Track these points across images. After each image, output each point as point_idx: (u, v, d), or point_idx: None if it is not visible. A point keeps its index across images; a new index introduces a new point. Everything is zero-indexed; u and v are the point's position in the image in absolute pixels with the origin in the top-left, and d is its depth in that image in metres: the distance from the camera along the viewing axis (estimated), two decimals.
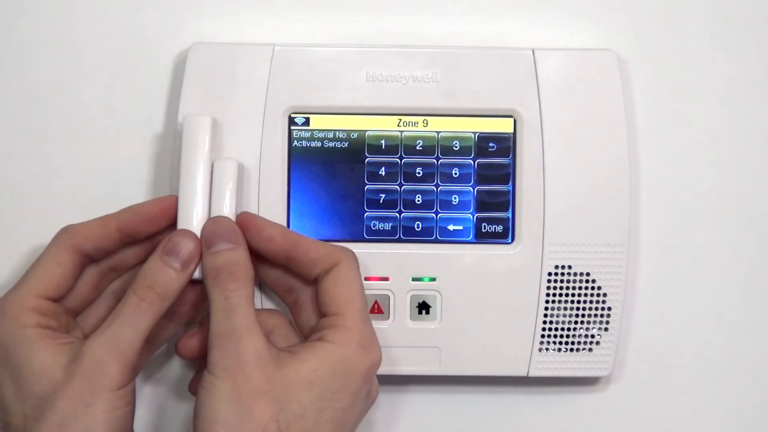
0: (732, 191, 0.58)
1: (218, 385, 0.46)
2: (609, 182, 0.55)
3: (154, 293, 0.47)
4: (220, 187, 0.50)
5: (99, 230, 0.49)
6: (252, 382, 0.46)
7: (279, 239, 0.50)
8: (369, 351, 0.49)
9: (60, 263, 0.49)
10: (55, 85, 0.57)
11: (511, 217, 0.55)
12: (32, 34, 0.57)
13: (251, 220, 0.51)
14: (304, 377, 0.46)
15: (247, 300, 0.48)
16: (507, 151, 0.55)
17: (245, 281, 0.48)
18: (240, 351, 0.46)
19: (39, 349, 0.47)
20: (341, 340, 0.48)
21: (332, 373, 0.47)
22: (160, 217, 0.50)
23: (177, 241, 0.49)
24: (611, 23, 0.58)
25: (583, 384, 0.59)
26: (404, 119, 0.55)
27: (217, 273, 0.48)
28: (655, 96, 0.58)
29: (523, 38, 0.57)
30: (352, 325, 0.48)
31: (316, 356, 0.47)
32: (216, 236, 0.49)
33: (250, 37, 0.57)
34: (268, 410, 0.45)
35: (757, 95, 0.58)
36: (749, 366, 0.59)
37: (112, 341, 0.46)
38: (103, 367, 0.46)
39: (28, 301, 0.48)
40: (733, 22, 0.58)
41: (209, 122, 0.51)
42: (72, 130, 0.57)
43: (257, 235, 0.50)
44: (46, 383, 0.46)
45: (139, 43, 0.57)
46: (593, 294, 0.55)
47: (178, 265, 0.48)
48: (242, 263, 0.48)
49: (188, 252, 0.48)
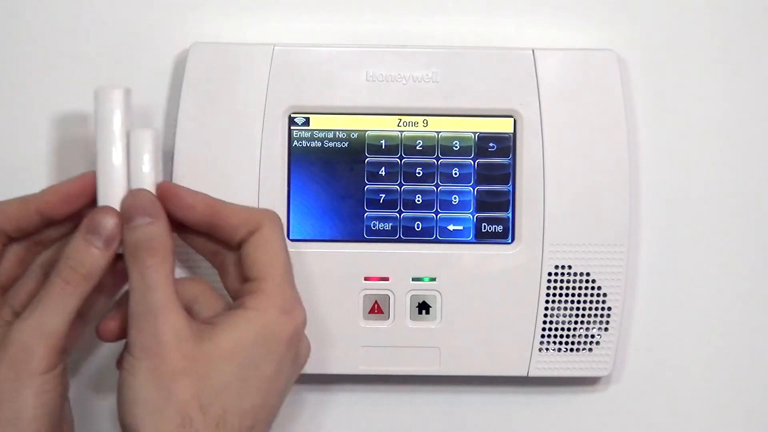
0: (732, 191, 0.58)
1: (137, 366, 0.45)
2: (609, 182, 0.55)
3: (78, 274, 0.46)
4: (138, 158, 0.49)
5: (18, 211, 0.48)
6: (171, 361, 0.45)
7: (200, 207, 0.49)
8: (291, 315, 0.47)
9: None
10: (56, 85, 0.57)
11: (511, 217, 0.55)
12: (32, 35, 0.57)
13: (171, 188, 0.49)
14: (225, 349, 0.46)
15: (164, 275, 0.46)
16: (507, 151, 0.55)
17: (164, 256, 0.47)
18: (157, 330, 0.45)
19: None
20: (261, 306, 0.47)
21: (253, 341, 0.46)
22: (79, 195, 0.49)
23: (98, 219, 0.47)
24: (611, 23, 0.58)
25: (583, 384, 0.59)
26: (404, 119, 0.55)
27: (136, 249, 0.47)
28: (655, 96, 0.58)
29: (523, 38, 0.57)
30: (272, 289, 0.47)
31: (236, 326, 0.46)
32: (134, 210, 0.47)
33: (250, 37, 0.57)
34: (189, 389, 0.45)
35: (758, 95, 0.58)
36: (749, 366, 0.59)
37: (38, 325, 0.45)
38: (30, 351, 0.45)
39: None
40: (733, 22, 0.58)
41: (121, 93, 0.49)
42: (72, 130, 0.57)
43: (178, 205, 0.49)
44: None
45: (139, 43, 0.57)
46: (593, 294, 0.55)
47: (100, 243, 0.47)
48: (160, 237, 0.47)
49: (110, 229, 0.47)
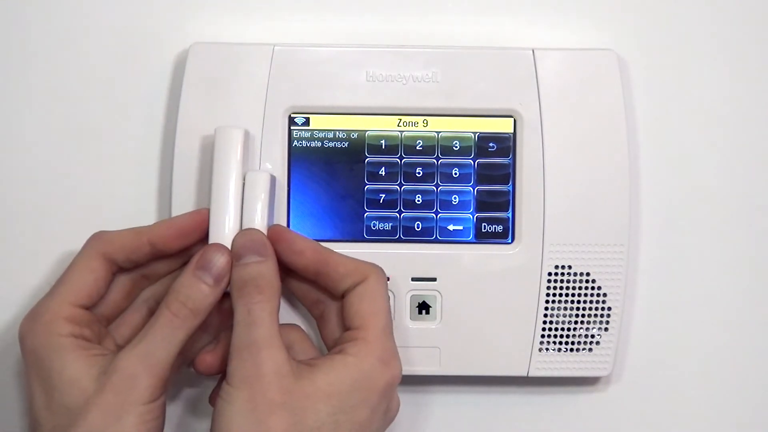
0: (732, 191, 0.58)
1: (235, 396, 0.46)
2: (609, 182, 0.55)
3: (186, 309, 0.47)
4: (252, 199, 0.50)
5: (131, 242, 0.49)
6: (269, 393, 0.46)
7: (309, 253, 0.50)
8: (389, 365, 0.48)
9: (92, 271, 0.49)
10: (56, 85, 0.57)
11: (511, 217, 0.55)
12: (32, 35, 0.57)
13: (282, 233, 0.51)
14: (322, 390, 0.46)
15: (270, 313, 0.47)
16: (507, 151, 0.55)
17: (270, 294, 0.48)
18: (258, 362, 0.46)
19: (71, 359, 0.46)
20: (361, 354, 0.48)
21: (350, 386, 0.47)
22: (192, 231, 0.50)
23: (210, 256, 0.48)
24: (611, 23, 0.58)
25: (583, 384, 0.59)
26: (404, 119, 0.55)
27: (243, 285, 0.48)
28: (655, 96, 0.58)
29: (523, 38, 0.57)
30: (373, 338, 0.48)
31: (335, 369, 0.47)
32: (245, 249, 0.49)
33: (250, 37, 0.57)
34: (283, 422, 0.45)
35: (758, 95, 0.58)
36: (749, 366, 0.59)
37: (144, 355, 0.46)
38: (135, 380, 0.46)
39: (62, 310, 0.47)
40: (733, 22, 0.58)
41: (242, 134, 0.51)
42: (72, 130, 0.57)
43: (287, 249, 0.50)
44: (78, 394, 0.46)
45: (139, 43, 0.57)
46: (593, 294, 0.55)
47: (210, 280, 0.48)
48: (269, 276, 0.48)
49: (221, 267, 0.48)
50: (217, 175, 0.50)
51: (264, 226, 0.50)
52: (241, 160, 0.50)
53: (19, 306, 0.56)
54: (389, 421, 0.50)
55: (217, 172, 0.50)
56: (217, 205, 0.50)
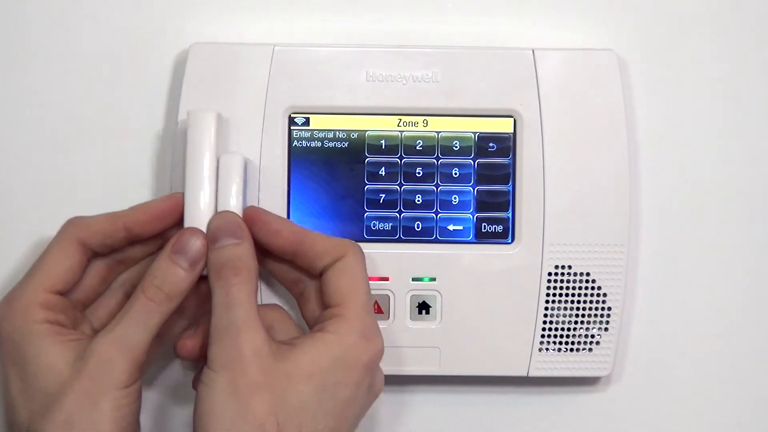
0: (732, 191, 0.58)
1: (216, 380, 0.46)
2: (609, 182, 0.55)
3: (162, 293, 0.47)
4: (227, 182, 0.50)
5: (106, 227, 0.49)
6: (249, 375, 0.45)
7: (285, 233, 0.50)
8: (370, 341, 0.48)
9: (67, 256, 0.49)
10: (56, 85, 0.57)
11: (511, 217, 0.55)
12: (33, 35, 0.57)
13: (258, 214, 0.50)
14: (304, 369, 0.46)
15: (248, 295, 0.47)
16: (507, 151, 0.55)
17: (248, 276, 0.48)
18: (238, 345, 0.46)
19: (47, 345, 0.46)
20: (341, 331, 0.48)
21: (332, 364, 0.47)
22: (167, 215, 0.50)
23: (185, 239, 0.48)
24: (611, 23, 0.58)
25: (583, 384, 0.59)
26: (404, 119, 0.55)
27: (221, 268, 0.48)
28: (655, 96, 0.58)
29: (523, 38, 0.57)
30: (353, 315, 0.48)
31: (316, 348, 0.47)
32: (221, 231, 0.49)
33: (250, 37, 0.57)
34: (265, 404, 0.45)
35: (758, 95, 0.58)
36: (749, 366, 0.59)
37: (120, 339, 0.46)
38: (111, 365, 0.46)
39: (37, 296, 0.47)
40: (733, 22, 0.58)
41: (214, 117, 0.50)
42: (72, 130, 0.57)
43: (264, 229, 0.50)
44: (53, 380, 0.46)
45: (139, 43, 0.57)
46: (593, 294, 0.55)
47: (186, 264, 0.48)
48: (245, 258, 0.48)
49: (196, 250, 0.48)
50: (190, 158, 0.50)
51: (239, 208, 0.50)
52: (214, 143, 0.50)
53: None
54: (374, 397, 0.50)
55: (191, 155, 0.50)
56: (191, 188, 0.50)
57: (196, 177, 0.50)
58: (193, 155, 0.50)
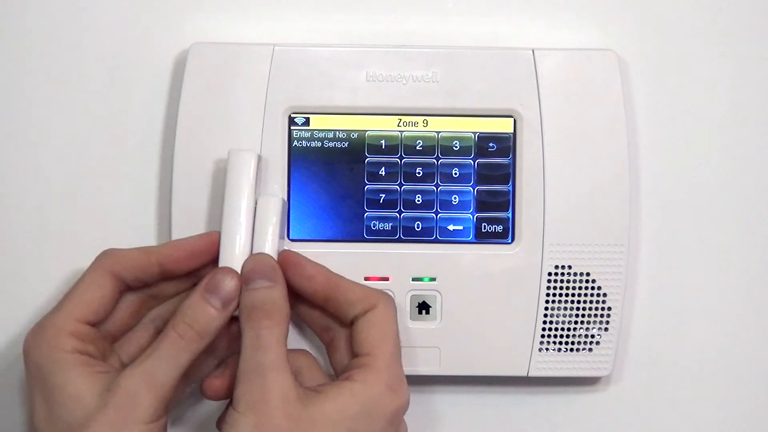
0: (732, 191, 0.58)
1: (241, 422, 0.46)
2: (609, 182, 0.55)
3: (193, 331, 0.47)
4: (263, 223, 0.50)
5: (140, 261, 0.49)
6: (275, 419, 0.45)
7: (319, 279, 0.50)
8: (397, 393, 0.48)
9: (100, 287, 0.49)
10: (56, 85, 0.57)
11: (511, 217, 0.55)
12: (33, 35, 0.57)
13: (293, 258, 0.50)
14: (328, 416, 0.46)
15: (278, 338, 0.47)
16: (507, 151, 0.55)
17: (279, 320, 0.48)
18: (265, 388, 0.46)
19: (75, 375, 0.46)
20: (369, 381, 0.48)
21: (357, 413, 0.47)
22: (203, 253, 0.50)
23: (219, 279, 0.48)
24: (611, 23, 0.58)
25: (583, 384, 0.59)
26: (404, 119, 0.55)
27: (252, 310, 0.48)
28: (655, 96, 0.58)
29: (523, 38, 0.57)
30: (381, 365, 0.48)
31: (342, 396, 0.47)
32: (255, 273, 0.49)
33: (250, 37, 0.57)
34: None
35: (758, 95, 0.58)
36: (749, 366, 0.59)
37: (148, 374, 0.46)
38: (138, 399, 0.46)
39: (68, 325, 0.47)
40: (733, 22, 0.58)
41: (254, 158, 0.51)
42: (72, 130, 0.57)
43: (298, 274, 0.50)
44: (79, 410, 0.46)
45: (139, 43, 0.57)
46: (593, 294, 0.55)
47: (218, 303, 0.48)
48: (278, 302, 0.48)
49: (229, 291, 0.48)
50: (229, 198, 0.50)
51: (274, 250, 0.50)
52: (254, 184, 0.51)
53: (24, 319, 0.56)
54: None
55: (229, 195, 0.50)
56: (228, 228, 0.50)
57: (234, 218, 0.50)
58: (231, 195, 0.50)
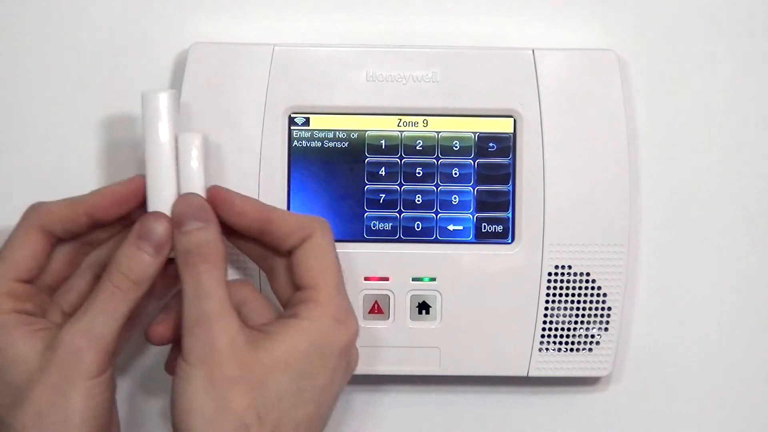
0: (732, 191, 0.58)
1: (193, 374, 0.45)
2: (609, 182, 0.55)
3: (129, 280, 0.46)
4: (187, 162, 0.48)
5: (67, 213, 0.48)
6: (226, 369, 0.45)
7: (251, 213, 0.49)
8: (345, 324, 0.47)
9: (31, 244, 0.47)
10: (56, 85, 0.57)
11: (511, 217, 0.55)
12: (33, 34, 0.57)
13: (222, 194, 0.49)
14: (280, 359, 0.46)
15: (218, 282, 0.46)
16: (507, 151, 0.55)
17: (216, 262, 0.47)
18: (212, 337, 0.45)
19: (14, 336, 0.46)
20: (315, 316, 0.47)
21: (308, 351, 0.46)
22: (129, 199, 0.48)
23: (149, 225, 0.47)
24: (611, 23, 0.58)
25: (583, 384, 0.59)
26: (404, 119, 0.55)
27: (188, 254, 0.47)
28: (655, 96, 0.58)
29: (523, 38, 0.57)
30: (325, 298, 0.47)
31: (291, 336, 0.46)
32: (185, 215, 0.47)
33: (250, 37, 0.57)
34: (245, 398, 0.45)
35: (758, 95, 0.58)
36: (749, 366, 0.59)
37: (88, 329, 0.45)
38: (80, 355, 0.45)
39: (3, 286, 0.47)
40: (733, 21, 0.58)
41: (168, 96, 0.49)
42: (72, 130, 0.57)
43: (229, 210, 0.48)
44: (22, 372, 0.45)
45: (139, 43, 0.57)
46: (593, 294, 0.55)
47: (151, 250, 0.47)
48: (212, 242, 0.47)
49: (161, 235, 0.47)
50: (148, 140, 0.48)
51: (202, 188, 0.49)
52: (171, 123, 0.49)
53: None
54: (350, 375, 0.50)
55: (148, 137, 0.48)
56: (151, 170, 0.48)
57: (155, 159, 0.48)
58: (150, 136, 0.48)
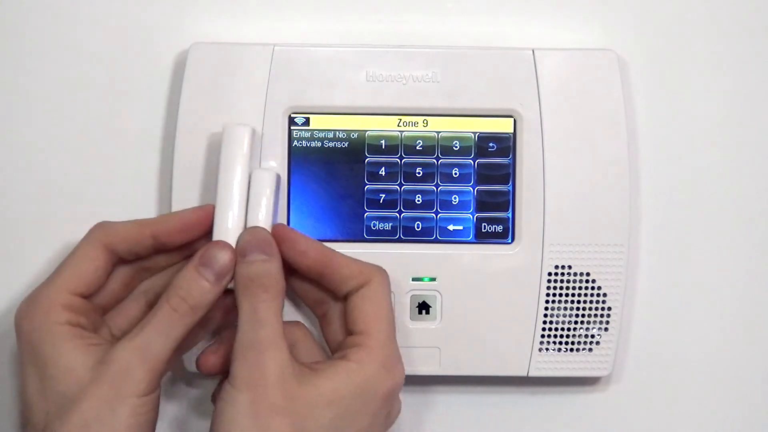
0: (732, 191, 0.58)
1: (237, 398, 0.46)
2: (609, 182, 0.55)
3: (186, 305, 0.47)
4: (257, 197, 0.50)
5: (133, 234, 0.49)
6: (271, 397, 0.45)
7: (312, 254, 0.50)
8: (391, 372, 0.48)
9: (93, 260, 0.48)
10: (56, 85, 0.57)
11: (511, 217, 0.55)
12: (33, 35, 0.57)
13: (286, 232, 0.50)
14: (324, 396, 0.46)
15: (275, 313, 0.47)
16: (507, 151, 0.55)
17: (275, 294, 0.48)
18: (262, 364, 0.46)
19: (68, 348, 0.46)
20: (364, 360, 0.48)
21: (353, 393, 0.47)
22: (196, 226, 0.50)
23: (213, 252, 0.48)
24: (611, 23, 0.58)
25: (583, 384, 0.59)
26: (404, 119, 0.55)
27: (249, 283, 0.47)
28: (655, 96, 0.58)
29: (523, 38, 0.57)
30: (375, 344, 0.48)
31: (338, 376, 0.47)
32: (251, 246, 0.48)
33: (250, 37, 0.57)
34: (285, 428, 0.45)
35: (758, 95, 0.58)
36: (749, 365, 0.59)
37: (142, 348, 0.46)
38: (131, 372, 0.46)
39: (60, 297, 0.47)
40: (733, 21, 0.58)
41: (248, 131, 0.51)
42: (72, 130, 0.57)
43: (291, 248, 0.50)
44: (72, 383, 0.46)
45: (139, 43, 0.57)
46: (593, 294, 0.55)
47: (212, 277, 0.48)
48: (274, 275, 0.48)
49: (223, 264, 0.48)
50: (223, 171, 0.50)
51: (268, 224, 0.50)
52: (248, 157, 0.50)
53: (16, 292, 0.56)
54: (390, 425, 0.50)
55: (224, 168, 0.50)
56: (222, 201, 0.50)
57: (228, 191, 0.50)
58: (225, 168, 0.50)
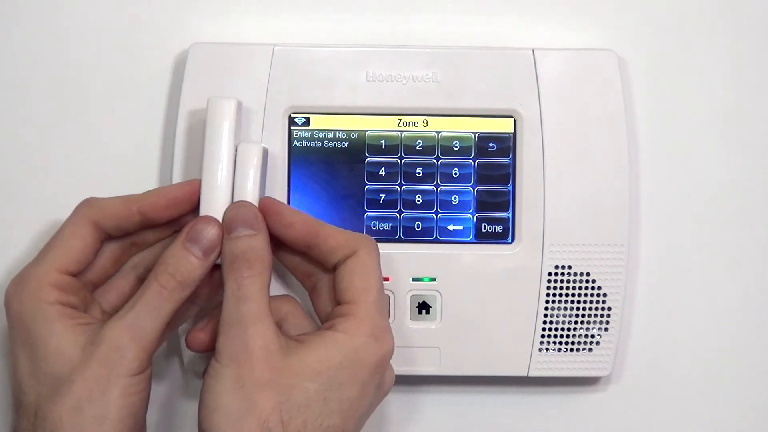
0: (732, 191, 0.58)
1: (223, 373, 0.46)
2: (609, 182, 0.55)
3: (175, 281, 0.47)
4: (244, 171, 0.50)
5: (121, 210, 0.49)
6: (256, 371, 0.45)
7: (299, 226, 0.49)
8: (380, 342, 0.48)
9: (81, 237, 0.48)
10: (56, 85, 0.57)
11: (511, 217, 0.55)
12: (33, 35, 0.57)
13: (273, 205, 0.50)
14: (310, 366, 0.46)
15: (260, 288, 0.47)
16: (507, 151, 0.55)
17: (261, 269, 0.47)
18: (246, 339, 0.46)
19: (58, 328, 0.46)
20: (351, 330, 0.47)
21: (339, 363, 0.46)
22: (183, 202, 0.49)
23: (200, 228, 0.48)
24: (611, 23, 0.58)
25: (583, 384, 0.59)
26: (404, 119, 0.55)
27: (234, 259, 0.47)
28: (655, 96, 0.58)
29: (523, 38, 0.57)
30: (364, 314, 0.48)
31: (324, 346, 0.47)
32: (237, 221, 0.48)
33: (250, 37, 0.57)
34: (271, 400, 0.45)
35: (758, 95, 0.58)
36: (749, 366, 0.59)
37: (132, 326, 0.46)
38: (122, 351, 0.46)
39: (49, 276, 0.47)
40: (733, 21, 0.58)
41: (234, 105, 0.50)
42: (72, 131, 0.57)
43: (277, 221, 0.49)
44: (63, 364, 0.46)
45: (139, 43, 0.57)
46: (593, 294, 0.55)
47: (200, 252, 0.47)
48: (260, 250, 0.48)
49: (211, 239, 0.48)
50: (208, 145, 0.49)
51: (256, 198, 0.50)
52: (233, 131, 0.50)
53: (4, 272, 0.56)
54: (383, 395, 0.50)
55: (209, 142, 0.49)
56: (208, 176, 0.49)
57: (214, 165, 0.49)
58: (211, 142, 0.49)
